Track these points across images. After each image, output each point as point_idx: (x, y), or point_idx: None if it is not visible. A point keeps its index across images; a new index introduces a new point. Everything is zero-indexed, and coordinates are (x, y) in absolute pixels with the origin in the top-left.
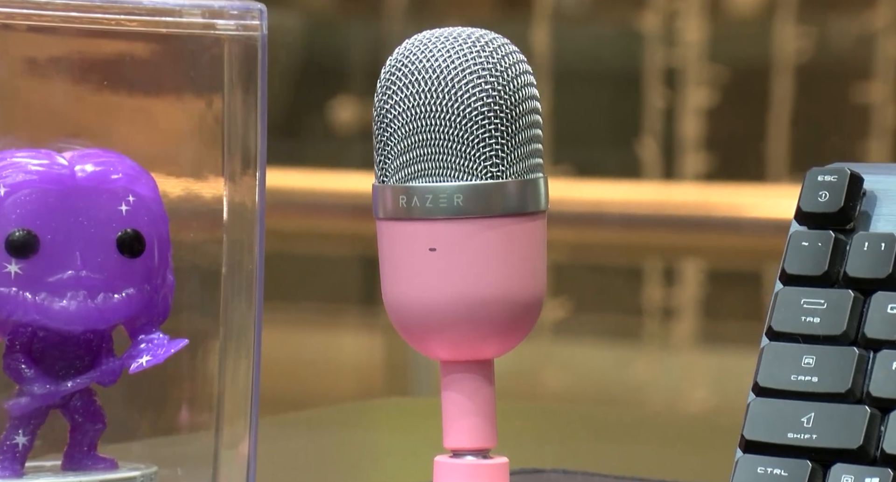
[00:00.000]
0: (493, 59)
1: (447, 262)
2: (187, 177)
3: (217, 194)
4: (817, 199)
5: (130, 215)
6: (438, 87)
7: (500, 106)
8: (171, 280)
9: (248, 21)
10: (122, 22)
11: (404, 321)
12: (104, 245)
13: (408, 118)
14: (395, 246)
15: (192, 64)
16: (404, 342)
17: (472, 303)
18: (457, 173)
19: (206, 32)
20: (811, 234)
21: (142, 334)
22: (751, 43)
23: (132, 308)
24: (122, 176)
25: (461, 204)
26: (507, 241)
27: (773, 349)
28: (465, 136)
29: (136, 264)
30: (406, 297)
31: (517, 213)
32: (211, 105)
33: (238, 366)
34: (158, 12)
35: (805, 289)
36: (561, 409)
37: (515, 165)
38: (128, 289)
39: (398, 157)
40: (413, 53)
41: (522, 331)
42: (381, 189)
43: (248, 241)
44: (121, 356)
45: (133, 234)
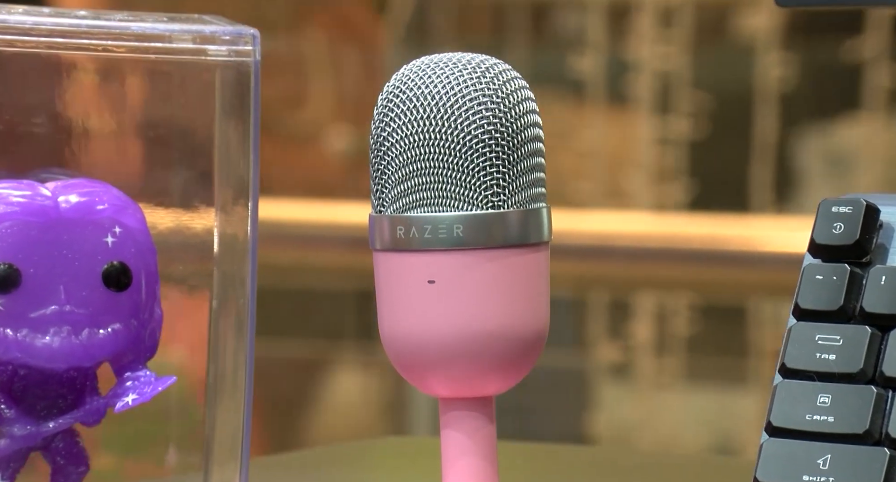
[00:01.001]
0: (494, 86)
1: (447, 295)
2: (176, 207)
3: (208, 225)
4: (832, 230)
5: (117, 247)
6: (437, 115)
7: (501, 133)
8: (158, 314)
9: (241, 47)
10: (110, 48)
11: (402, 357)
12: (89, 278)
13: (406, 146)
14: (392, 278)
15: (182, 91)
16: (402, 379)
17: (473, 337)
18: (456, 203)
19: (197, 58)
20: (826, 268)
21: (128, 371)
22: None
23: (118, 344)
24: (108, 206)
25: (461, 234)
26: (509, 274)
27: (787, 387)
28: (465, 165)
29: (123, 298)
30: (404, 332)
31: (519, 244)
32: (202, 133)
33: (228, 404)
34: (147, 38)
35: (820, 324)
36: (562, 450)
37: (517, 195)
38: (114, 324)
39: (396, 187)
40: (411, 80)
41: (524, 367)
42: (377, 219)
43: (240, 275)
44: (105, 394)
45: (119, 266)
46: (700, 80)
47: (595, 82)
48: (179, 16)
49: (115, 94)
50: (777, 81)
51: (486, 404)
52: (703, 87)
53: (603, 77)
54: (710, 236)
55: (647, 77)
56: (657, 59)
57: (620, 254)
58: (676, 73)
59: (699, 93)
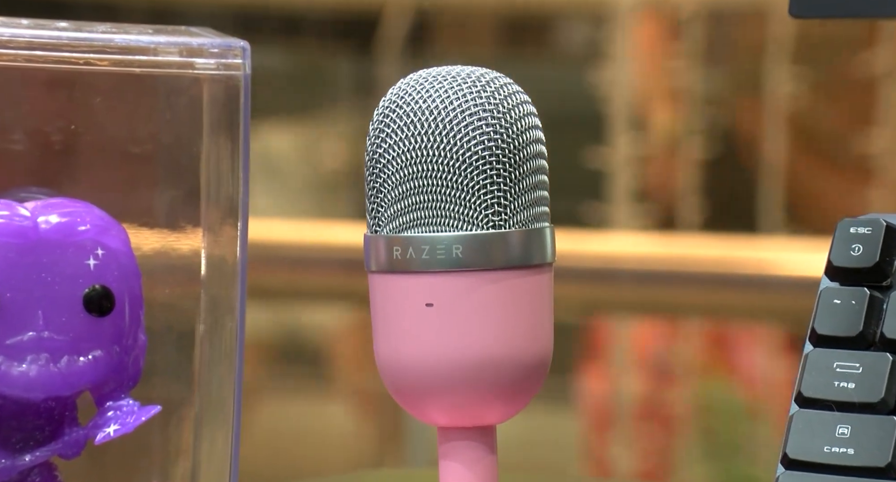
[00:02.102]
0: (495, 100)
1: (445, 319)
2: (162, 228)
3: (195, 247)
4: (850, 252)
5: (99, 270)
6: (436, 130)
7: (502, 150)
8: (142, 341)
9: (230, 60)
10: (92, 61)
11: (399, 383)
12: (69, 303)
13: (403, 163)
14: (388, 301)
15: (168, 106)
16: (398, 407)
17: (473, 363)
18: (456, 222)
19: (184, 72)
20: (844, 291)
21: (109, 401)
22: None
23: (99, 372)
24: (90, 227)
25: (460, 255)
26: (511, 296)
27: (804, 417)
28: (464, 183)
29: (105, 324)
30: (401, 357)
31: (521, 266)
32: (189, 150)
33: (215, 436)
34: (131, 50)
35: (838, 351)
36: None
37: (519, 214)
38: (95, 351)
39: (392, 205)
40: (408, 94)
41: (527, 395)
42: (373, 239)
43: (228, 299)
44: (85, 425)
45: (101, 290)
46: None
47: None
48: (165, 27)
49: (97, 110)
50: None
51: (487, 434)
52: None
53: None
54: (720, 258)
55: (657, 92)
56: (666, 73)
57: (627, 277)
58: (687, 87)
59: (710, 108)
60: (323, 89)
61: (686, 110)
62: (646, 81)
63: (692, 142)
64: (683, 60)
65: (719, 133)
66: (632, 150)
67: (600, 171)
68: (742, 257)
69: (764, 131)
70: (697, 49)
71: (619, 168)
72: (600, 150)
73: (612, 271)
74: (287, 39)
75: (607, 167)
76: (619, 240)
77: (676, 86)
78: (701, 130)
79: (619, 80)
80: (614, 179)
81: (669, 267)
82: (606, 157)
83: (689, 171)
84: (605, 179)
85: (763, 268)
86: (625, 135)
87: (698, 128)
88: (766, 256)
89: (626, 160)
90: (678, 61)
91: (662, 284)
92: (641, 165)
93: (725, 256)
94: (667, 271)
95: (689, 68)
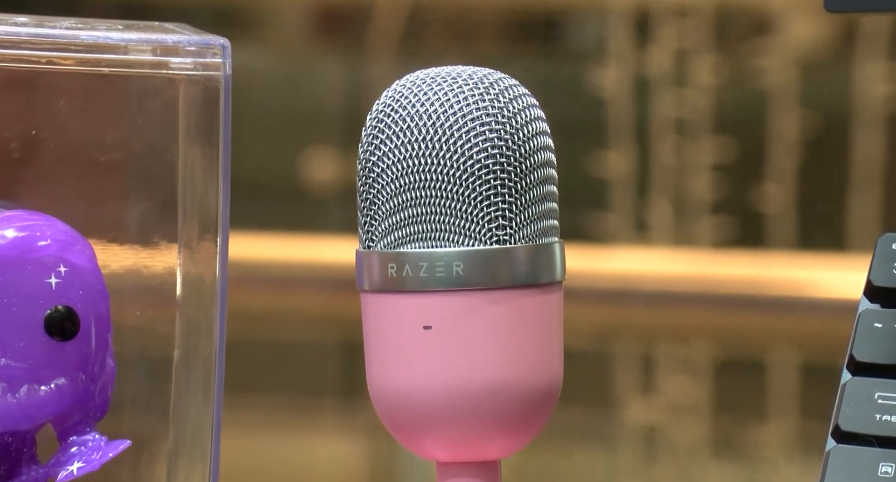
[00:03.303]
0: (500, 103)
1: (445, 343)
2: (133, 243)
3: (169, 264)
4: (892, 271)
5: (61, 289)
6: (434, 137)
7: (507, 158)
8: (111, 367)
9: (209, 59)
10: (55, 60)
11: (394, 414)
12: (29, 326)
13: (398, 173)
14: (382, 323)
15: (140, 110)
16: (392, 441)
17: (475, 392)
18: (456, 237)
19: (158, 72)
20: (886, 314)
21: (73, 435)
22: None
23: (62, 402)
24: (52, 242)
25: (461, 273)
26: (517, 318)
27: (842, 454)
28: (466, 194)
29: (68, 349)
30: (396, 385)
31: (528, 285)
32: (163, 158)
33: (192, 473)
34: (99, 48)
35: (879, 380)
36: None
37: (526, 228)
38: (57, 379)
39: (387, 219)
40: (404, 96)
41: (535, 427)
42: (366, 256)
43: (206, 322)
44: (46, 463)
45: (64, 311)
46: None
47: (617, 100)
48: (137, 23)
49: (61, 114)
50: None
51: (490, 469)
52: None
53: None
54: (746, 278)
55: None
56: (688, 74)
57: (644, 298)
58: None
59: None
60: (309, 91)
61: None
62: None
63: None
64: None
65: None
66: (651, 158)
67: (612, 179)
68: (764, 276)
69: (793, 137)
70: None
71: (634, 177)
72: (615, 157)
73: (626, 292)
74: (270, 37)
75: (621, 176)
76: (633, 256)
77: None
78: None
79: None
80: (630, 189)
81: (685, 287)
82: (622, 166)
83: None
84: (620, 189)
85: (799, 290)
86: (642, 141)
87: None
88: (792, 275)
89: (643, 169)
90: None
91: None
92: (663, 175)
93: (742, 275)
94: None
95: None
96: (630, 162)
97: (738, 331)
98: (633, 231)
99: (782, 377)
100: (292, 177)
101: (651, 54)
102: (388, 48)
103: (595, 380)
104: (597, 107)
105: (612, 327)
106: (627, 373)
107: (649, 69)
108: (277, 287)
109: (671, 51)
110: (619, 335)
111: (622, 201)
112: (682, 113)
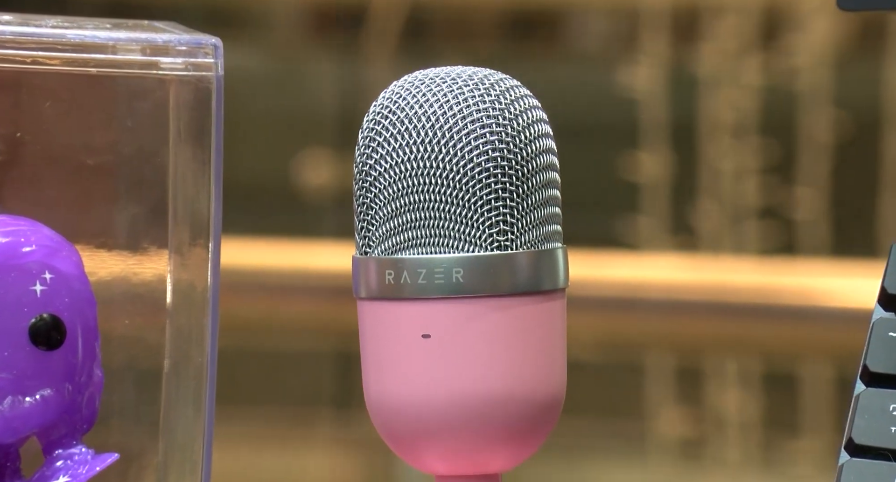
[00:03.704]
0: (501, 105)
1: (444, 353)
2: (122, 249)
3: (159, 271)
4: None
5: (47, 297)
6: (433, 139)
7: (508, 161)
8: (98, 378)
9: (200, 59)
10: (41, 59)
11: (391, 426)
12: (13, 335)
13: (396, 176)
14: (380, 332)
15: (129, 111)
16: (389, 454)
17: (476, 403)
18: (456, 243)
19: (147, 72)
20: None
21: (59, 448)
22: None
23: (48, 414)
24: (37, 248)
25: (461, 280)
26: (519, 327)
27: (856, 468)
28: (466, 198)
29: (54, 358)
30: (393, 396)
31: (530, 292)
32: (153, 161)
33: None
34: (86, 48)
35: (894, 392)
36: None
37: (528, 233)
38: (43, 390)
39: (384, 224)
40: (402, 98)
41: (536, 439)
42: (363, 262)
43: (197, 330)
44: (31, 477)
45: (50, 320)
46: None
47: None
48: (125, 22)
49: (47, 116)
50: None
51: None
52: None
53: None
54: (780, 287)
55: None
56: (726, 73)
57: (642, 308)
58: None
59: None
60: (304, 92)
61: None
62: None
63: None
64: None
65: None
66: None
67: (625, 183)
68: (783, 284)
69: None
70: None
71: (667, 181)
72: (620, 161)
73: (638, 300)
74: (263, 36)
75: (655, 179)
76: (648, 263)
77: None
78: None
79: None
80: (661, 193)
81: (700, 296)
82: (655, 168)
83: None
84: (653, 192)
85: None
86: (661, 144)
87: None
88: (809, 283)
89: (658, 172)
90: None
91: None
92: (703, 178)
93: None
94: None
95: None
96: (664, 165)
97: (763, 341)
98: (667, 235)
99: (815, 389)
100: (286, 181)
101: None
102: (386, 48)
103: (627, 391)
104: (608, 107)
105: (647, 336)
106: (662, 384)
107: (643, 72)
108: (271, 294)
109: (716, 50)
110: (658, 344)
111: (654, 205)
112: (724, 114)
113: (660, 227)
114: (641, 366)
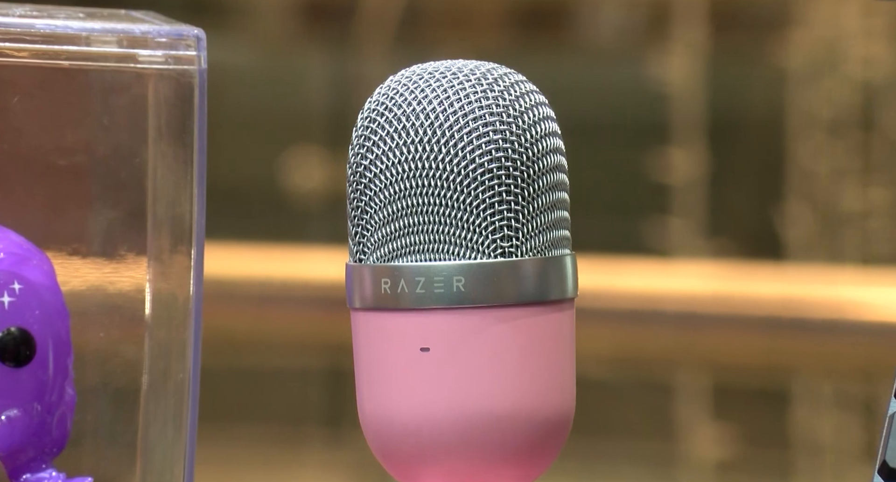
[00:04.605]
0: (505, 101)
1: (444, 367)
2: (97, 257)
3: (137, 280)
4: None
5: (15, 309)
6: (433, 138)
7: (513, 162)
8: (70, 396)
9: (181, 51)
10: (8, 51)
11: (387, 446)
12: None
13: (393, 178)
14: (375, 345)
15: (104, 108)
16: (384, 475)
17: (477, 421)
18: (457, 249)
19: (125, 66)
20: None
21: (27, 472)
22: None
23: (15, 436)
24: (5, 257)
25: (462, 289)
26: (524, 339)
27: None
28: (468, 201)
29: (23, 376)
30: (389, 414)
31: (537, 302)
32: (130, 161)
33: None
34: (58, 39)
35: None
36: None
37: (534, 239)
38: (9, 410)
39: (380, 229)
40: (399, 94)
41: (543, 460)
42: (357, 270)
43: (178, 344)
44: None
45: (18, 334)
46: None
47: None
48: (101, 11)
49: (15, 113)
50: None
51: None
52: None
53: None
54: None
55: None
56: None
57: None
58: None
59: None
60: (293, 88)
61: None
62: None
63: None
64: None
65: None
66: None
67: (650, 184)
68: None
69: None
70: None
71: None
72: (644, 160)
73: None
74: (249, 27)
75: (641, 183)
76: (670, 272)
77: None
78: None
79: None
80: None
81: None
82: (657, 168)
83: None
84: (656, 195)
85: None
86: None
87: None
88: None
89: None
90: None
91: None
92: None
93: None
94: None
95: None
96: (699, 164)
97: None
98: (699, 240)
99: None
100: (274, 183)
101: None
102: (381, 39)
103: (659, 408)
104: (619, 104)
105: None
106: (693, 402)
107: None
108: (257, 305)
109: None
110: (691, 356)
111: (685, 207)
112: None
113: (693, 230)
114: (666, 383)
